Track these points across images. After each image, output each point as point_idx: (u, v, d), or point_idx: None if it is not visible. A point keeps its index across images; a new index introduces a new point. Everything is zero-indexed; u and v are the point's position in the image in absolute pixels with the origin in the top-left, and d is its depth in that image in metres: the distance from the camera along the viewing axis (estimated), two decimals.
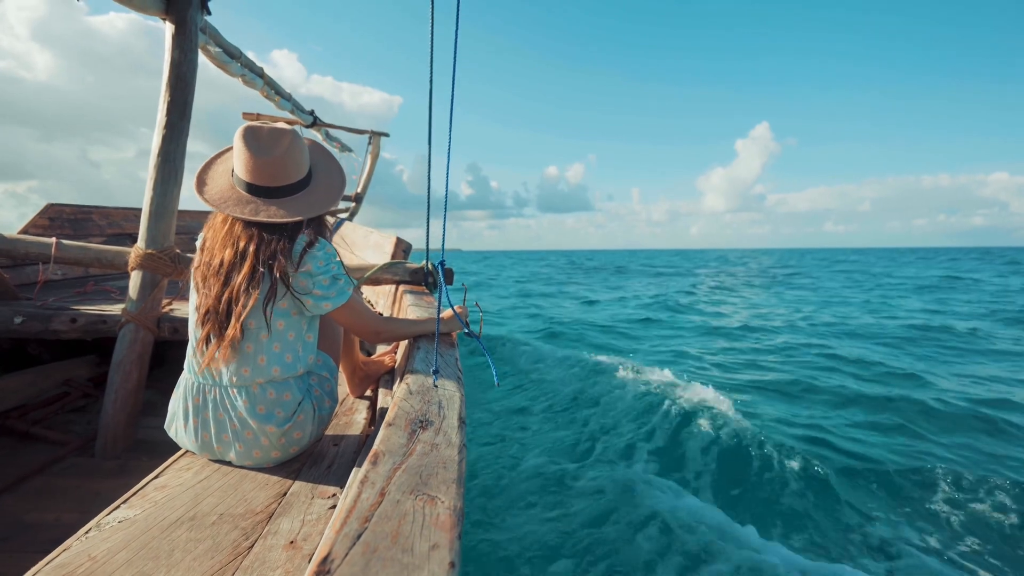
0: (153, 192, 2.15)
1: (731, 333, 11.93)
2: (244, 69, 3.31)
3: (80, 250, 2.30)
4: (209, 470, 1.31)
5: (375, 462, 0.75)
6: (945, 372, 7.92)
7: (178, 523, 1.07)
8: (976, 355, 9.25)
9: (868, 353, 9.14)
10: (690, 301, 18.58)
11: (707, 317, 14.53)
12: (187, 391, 1.32)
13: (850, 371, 7.98)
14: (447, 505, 0.65)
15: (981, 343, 10.24)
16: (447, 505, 0.65)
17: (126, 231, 4.86)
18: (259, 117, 4.57)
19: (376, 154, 5.90)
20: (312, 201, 1.35)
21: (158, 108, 2.16)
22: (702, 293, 22.06)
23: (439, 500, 0.66)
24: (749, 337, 11.32)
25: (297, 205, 1.32)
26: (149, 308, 2.21)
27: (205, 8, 2.30)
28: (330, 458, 1.42)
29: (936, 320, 12.94)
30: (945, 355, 9.24)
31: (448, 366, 1.24)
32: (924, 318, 13.38)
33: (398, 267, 2.44)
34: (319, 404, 1.40)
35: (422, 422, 0.90)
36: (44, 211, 4.18)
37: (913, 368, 7.98)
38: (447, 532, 0.59)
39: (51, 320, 2.35)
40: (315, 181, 1.41)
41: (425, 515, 0.62)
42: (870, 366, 8.17)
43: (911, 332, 11.37)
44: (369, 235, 3.65)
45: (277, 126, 1.33)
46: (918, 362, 8.62)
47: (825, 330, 11.87)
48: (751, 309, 16.47)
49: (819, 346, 9.81)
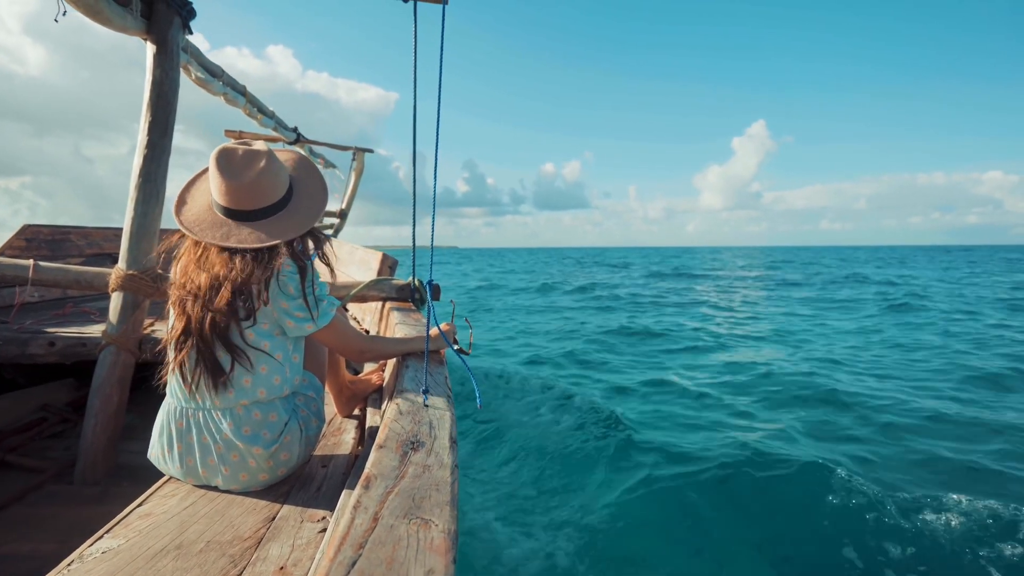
0: (134, 212, 2.13)
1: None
2: (226, 87, 3.30)
3: (59, 272, 2.26)
4: (195, 496, 1.29)
5: (367, 486, 0.74)
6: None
7: (164, 552, 1.04)
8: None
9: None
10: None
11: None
12: (169, 416, 1.30)
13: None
14: (441, 528, 0.65)
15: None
16: (441, 528, 0.65)
17: (105, 251, 4.77)
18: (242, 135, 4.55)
19: (360, 170, 5.90)
20: (290, 223, 1.33)
21: (139, 127, 2.15)
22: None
23: (433, 524, 0.66)
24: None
25: (273, 228, 1.30)
26: (130, 330, 2.16)
27: (187, 28, 2.30)
28: (319, 480, 1.40)
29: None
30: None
31: (438, 385, 1.23)
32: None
33: (384, 284, 2.43)
34: (306, 424, 1.39)
35: (413, 443, 0.90)
36: (21, 232, 4.09)
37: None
38: (442, 556, 0.59)
39: (28, 344, 2.29)
40: (295, 200, 1.39)
41: (419, 540, 0.62)
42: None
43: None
44: (354, 251, 3.63)
45: (252, 147, 1.31)
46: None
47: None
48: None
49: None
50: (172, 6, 2.14)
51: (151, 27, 2.12)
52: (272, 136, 4.81)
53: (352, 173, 5.92)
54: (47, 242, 4.27)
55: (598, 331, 12.19)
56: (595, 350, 10.09)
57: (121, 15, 1.96)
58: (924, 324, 12.80)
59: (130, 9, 2.00)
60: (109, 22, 1.94)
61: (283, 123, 4.80)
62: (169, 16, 2.15)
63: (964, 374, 7.65)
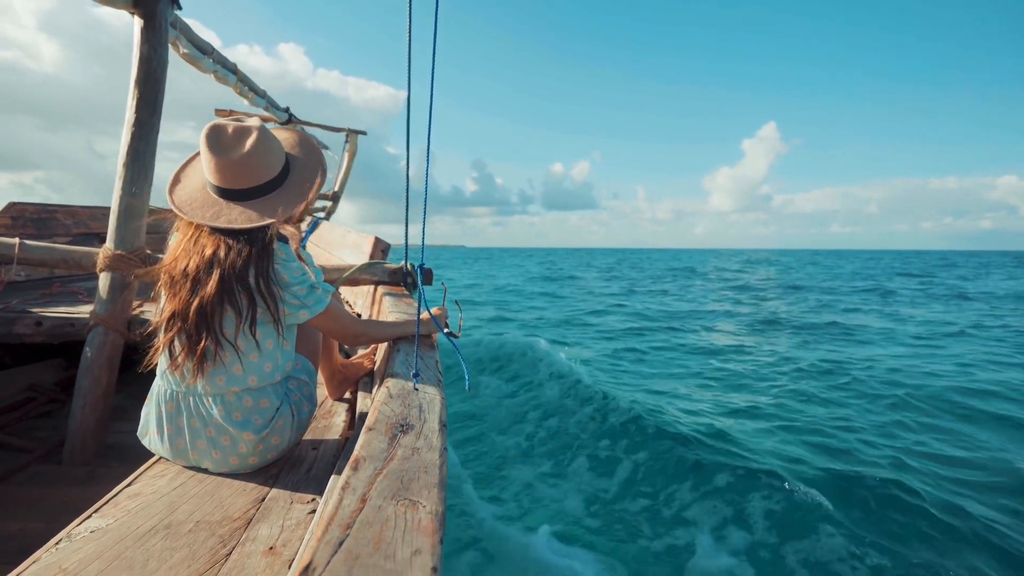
0: (122, 191, 2.09)
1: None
2: (216, 65, 3.23)
3: (46, 250, 2.23)
4: (184, 477, 1.29)
5: (356, 467, 0.74)
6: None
7: (153, 532, 1.04)
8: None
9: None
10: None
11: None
12: (160, 398, 1.29)
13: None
14: (429, 510, 0.65)
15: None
16: (429, 510, 0.65)
17: (93, 231, 4.71)
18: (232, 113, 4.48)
19: (353, 152, 5.83)
20: (284, 201, 1.28)
21: (127, 104, 2.11)
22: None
23: (421, 505, 0.66)
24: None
25: (267, 206, 1.26)
26: (119, 310, 2.15)
27: (175, 3, 2.25)
28: (309, 462, 1.40)
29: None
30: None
31: (428, 369, 1.23)
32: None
33: (377, 267, 2.42)
34: (298, 408, 1.39)
35: (403, 426, 0.90)
36: (6, 210, 4.03)
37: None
38: (429, 537, 0.60)
39: (15, 323, 2.27)
40: (291, 177, 1.34)
41: (407, 521, 0.62)
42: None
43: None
44: (347, 235, 3.61)
45: (243, 123, 1.27)
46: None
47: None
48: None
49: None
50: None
51: (139, 1, 2.07)
52: (264, 116, 4.74)
53: (345, 155, 5.85)
54: (33, 220, 4.21)
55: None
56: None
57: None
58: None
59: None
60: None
61: (275, 103, 4.73)
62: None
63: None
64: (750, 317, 15.43)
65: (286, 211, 1.27)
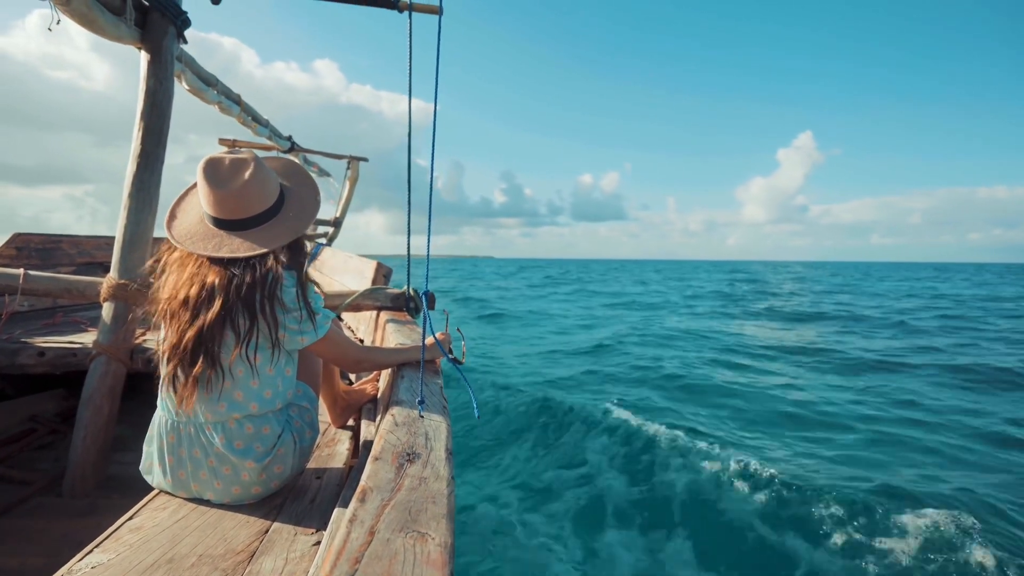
0: (127, 221, 2.11)
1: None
2: (220, 96, 3.29)
3: (49, 280, 2.24)
4: (186, 509, 1.27)
5: (363, 499, 0.73)
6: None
7: (155, 567, 1.03)
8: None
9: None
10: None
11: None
12: (161, 428, 1.28)
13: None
14: (438, 542, 0.64)
15: None
16: (438, 542, 0.64)
17: (97, 260, 4.73)
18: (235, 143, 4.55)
19: (355, 179, 5.89)
20: (280, 230, 1.32)
21: (133, 135, 2.14)
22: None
23: (429, 537, 0.65)
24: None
25: (264, 236, 1.29)
26: (122, 340, 2.14)
27: (181, 37, 2.30)
28: (313, 492, 1.39)
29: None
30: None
31: (433, 395, 1.23)
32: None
33: (379, 293, 2.42)
34: (300, 436, 1.38)
35: (409, 455, 0.89)
36: (11, 240, 4.05)
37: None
38: (439, 570, 0.59)
39: (17, 354, 2.26)
40: (286, 207, 1.38)
41: (416, 554, 0.61)
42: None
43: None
44: (349, 260, 3.62)
45: (239, 156, 1.30)
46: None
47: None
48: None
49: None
50: (166, 15, 2.15)
51: (145, 36, 2.12)
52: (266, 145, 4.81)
53: (346, 182, 5.91)
54: (37, 251, 4.23)
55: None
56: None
57: (115, 24, 1.96)
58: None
59: (124, 19, 2.00)
60: (103, 31, 1.93)
61: (278, 131, 4.80)
62: (163, 25, 2.15)
63: None
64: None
65: (287, 237, 1.31)
